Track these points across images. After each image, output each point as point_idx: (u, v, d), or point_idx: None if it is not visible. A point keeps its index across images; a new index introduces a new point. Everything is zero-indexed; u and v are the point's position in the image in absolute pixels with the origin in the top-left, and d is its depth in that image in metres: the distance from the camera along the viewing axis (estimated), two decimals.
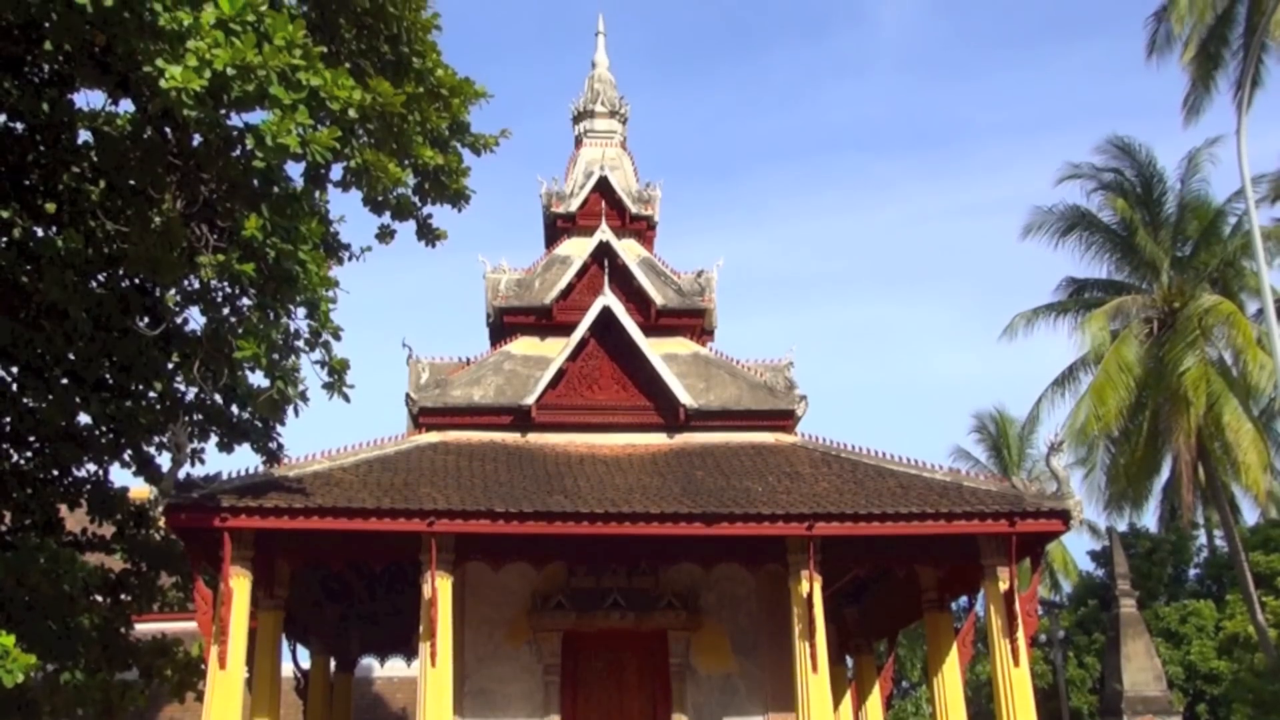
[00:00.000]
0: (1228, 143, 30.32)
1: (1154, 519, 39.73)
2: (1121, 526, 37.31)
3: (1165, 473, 32.51)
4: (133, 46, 9.41)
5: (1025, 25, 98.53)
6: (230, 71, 9.19)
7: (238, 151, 10.92)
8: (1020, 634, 17.40)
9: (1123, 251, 32.08)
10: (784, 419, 21.50)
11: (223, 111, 10.13)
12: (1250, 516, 35.84)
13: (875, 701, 23.77)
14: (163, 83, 9.16)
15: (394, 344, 36.92)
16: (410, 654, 25.22)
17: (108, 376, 14.51)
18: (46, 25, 10.29)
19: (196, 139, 11.23)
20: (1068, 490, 17.94)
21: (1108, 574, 35.70)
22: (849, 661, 24.96)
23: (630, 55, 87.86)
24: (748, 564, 18.48)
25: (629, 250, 23.34)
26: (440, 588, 17.05)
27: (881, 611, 23.36)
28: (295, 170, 11.42)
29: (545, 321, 22.55)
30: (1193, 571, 42.87)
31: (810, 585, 17.45)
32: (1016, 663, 17.40)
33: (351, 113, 10.26)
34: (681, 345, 22.59)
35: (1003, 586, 17.71)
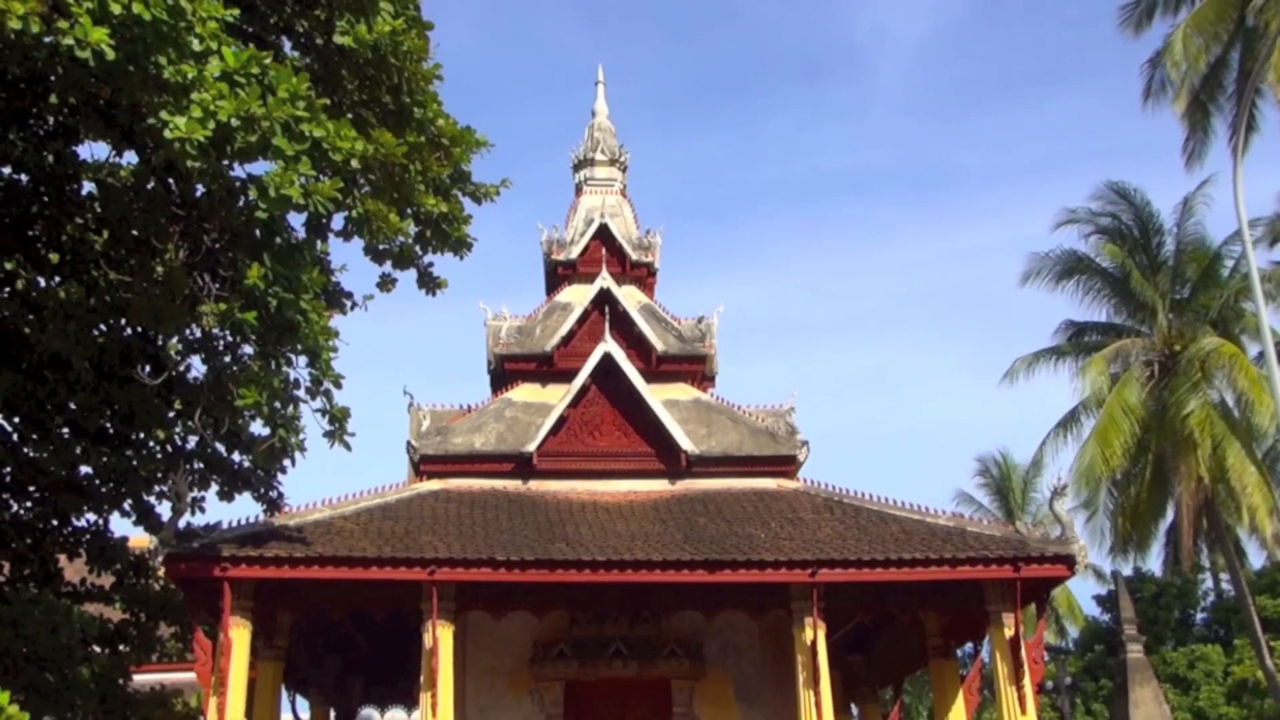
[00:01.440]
0: (1223, 184, 30.54)
1: (1159, 563, 39.57)
2: (1127, 571, 37.17)
3: (1170, 516, 32.41)
4: (137, 99, 9.50)
5: (1020, 72, 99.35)
6: (234, 123, 9.27)
7: (240, 202, 10.99)
8: (1027, 680, 17.30)
9: (1121, 295, 32.15)
10: (786, 464, 21.48)
11: (226, 162, 10.21)
12: (1256, 560, 35.72)
13: None
14: (167, 134, 9.24)
15: (395, 390, 36.92)
16: (411, 704, 25.04)
17: (109, 426, 14.52)
18: (52, 78, 10.39)
19: (199, 190, 11.32)
20: (1072, 535, 17.89)
21: (1114, 619, 35.51)
22: (854, 710, 24.77)
23: (630, 102, 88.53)
24: (751, 611, 18.40)
25: (630, 297, 23.41)
26: (441, 637, 16.96)
27: (886, 659, 23.22)
28: (297, 220, 11.50)
29: (546, 368, 22.59)
30: (1200, 616, 42.63)
31: (814, 632, 17.36)
32: (1024, 710, 17.28)
33: (354, 163, 10.33)
34: (683, 391, 22.61)
35: (1008, 632, 17.62)
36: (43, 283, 12.93)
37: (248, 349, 12.39)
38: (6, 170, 12.53)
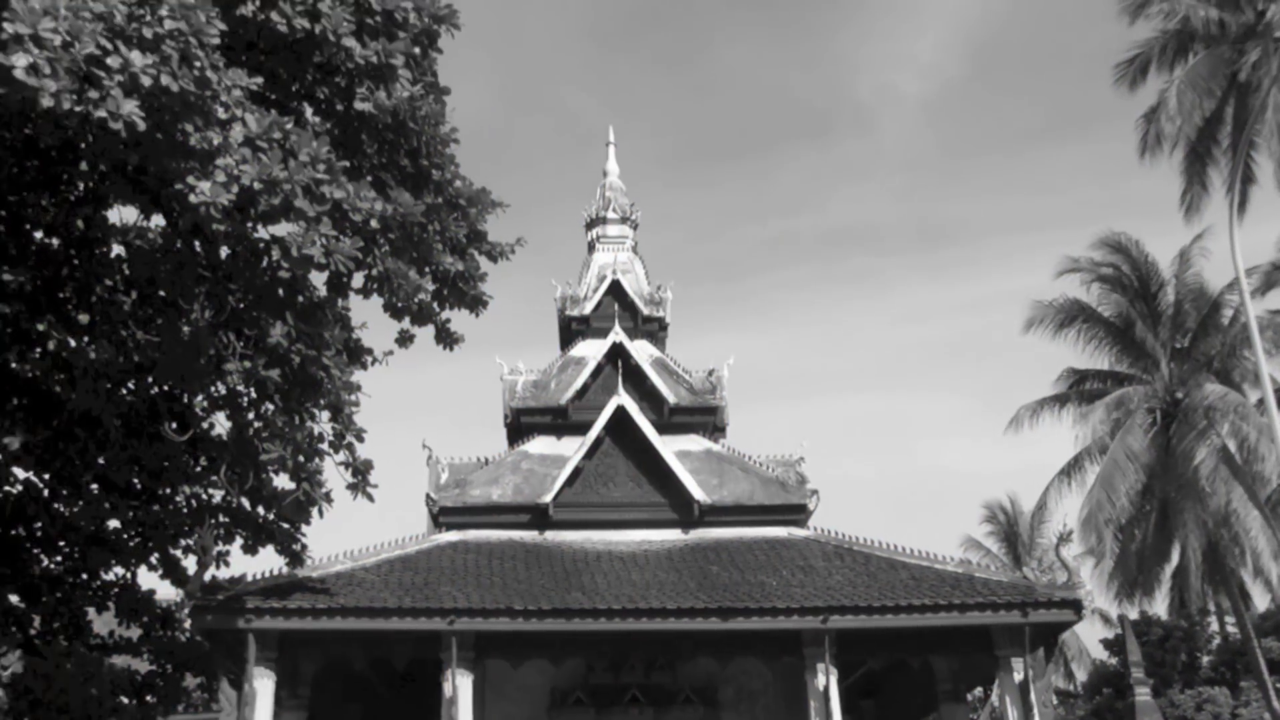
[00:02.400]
0: (1219, 233, 30.50)
1: (1165, 606, 39.17)
2: (1133, 614, 36.78)
3: (1175, 560, 32.12)
4: (164, 165, 9.59)
5: (1020, 127, 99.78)
6: (257, 186, 9.35)
7: (264, 262, 11.06)
8: None
9: (1122, 343, 32.06)
10: (796, 513, 21.41)
11: (250, 224, 10.29)
12: (1261, 603, 35.32)
13: None
14: (192, 198, 9.32)
15: (415, 443, 36.89)
16: None
17: (137, 482, 14.53)
18: (83, 146, 10.52)
19: (225, 251, 11.40)
20: (1078, 580, 17.77)
21: (1121, 662, 35.10)
22: None
23: (641, 161, 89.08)
24: (764, 657, 18.26)
25: (642, 351, 23.46)
26: (460, 685, 16.85)
27: (897, 704, 22.98)
28: (319, 279, 11.57)
29: (561, 421, 22.61)
30: (1206, 658, 42.12)
31: (826, 678, 17.22)
32: None
33: (373, 223, 10.41)
34: (694, 442, 22.59)
35: (1017, 677, 17.46)
36: (73, 343, 13.00)
37: (271, 405, 12.42)
38: (39, 234, 12.64)
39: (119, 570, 15.62)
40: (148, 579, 61.64)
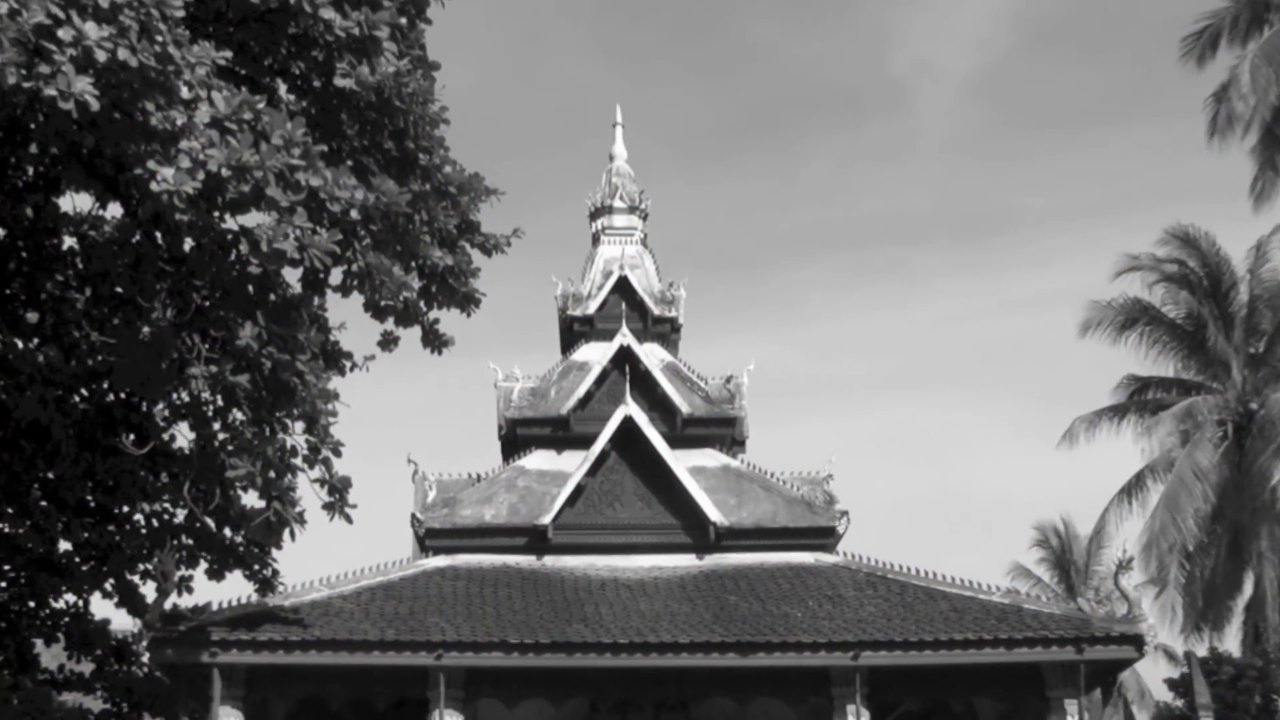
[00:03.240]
0: None
1: (1237, 642, 39.02)
2: (1201, 651, 36.66)
3: (1249, 590, 32.02)
4: (122, 148, 9.65)
5: (1073, 106, 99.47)
6: (225, 172, 9.40)
7: (232, 256, 11.12)
8: None
9: (1189, 348, 31.94)
10: (824, 537, 21.41)
11: (216, 214, 10.34)
12: None
13: None
14: (154, 185, 9.37)
15: (398, 456, 36.93)
16: None
17: (90, 499, 14.59)
18: (32, 127, 10.59)
19: (188, 244, 11.46)
20: (1139, 612, 17.75)
21: (1188, 704, 34.98)
22: None
23: (651, 145, 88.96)
24: (788, 698, 18.25)
25: (652, 355, 23.49)
26: None
27: None
28: (292, 275, 11.62)
29: (562, 433, 22.64)
30: None
31: None
32: None
33: (353, 213, 10.45)
34: (710, 457, 22.61)
35: None
36: (20, 345, 13.07)
37: (239, 414, 12.47)
38: None
39: (70, 598, 15.68)
40: (102, 607, 61.65)
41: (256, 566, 16.12)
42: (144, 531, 15.17)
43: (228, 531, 15.66)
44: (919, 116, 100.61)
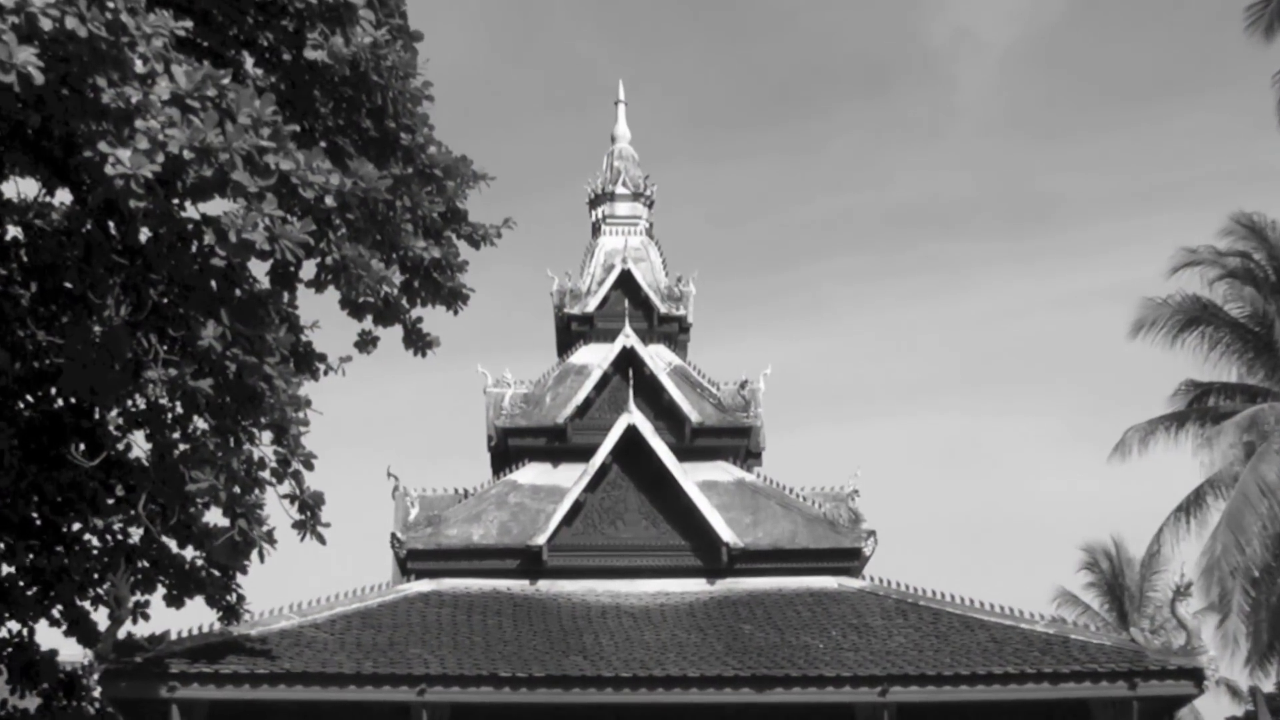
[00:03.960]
0: None
1: None
2: (1267, 686, 36.60)
3: None
4: (72, 128, 9.65)
5: (1127, 81, 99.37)
6: (186, 155, 9.40)
7: (194, 248, 11.11)
8: None
9: (1254, 350, 31.90)
10: (848, 559, 21.41)
11: (176, 201, 10.34)
12: None
13: None
14: (107, 169, 9.37)
15: (377, 469, 36.96)
16: None
17: (36, 517, 14.59)
18: None
19: (145, 234, 11.46)
20: (1199, 643, 17.73)
21: None
22: None
23: (658, 124, 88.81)
24: None
25: (658, 357, 23.50)
26: None
27: None
28: (260, 269, 11.62)
29: (558, 444, 22.67)
30: None
31: None
32: None
33: (328, 200, 10.45)
34: (723, 471, 22.62)
35: None
36: None
37: (201, 423, 12.47)
38: None
39: (13, 625, 15.68)
40: (48, 636, 61.66)
41: (220, 591, 16.10)
42: (95, 552, 15.16)
43: (188, 552, 15.65)
44: (957, 91, 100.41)
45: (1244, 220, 32.21)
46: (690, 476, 21.60)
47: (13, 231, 12.93)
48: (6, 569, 14.99)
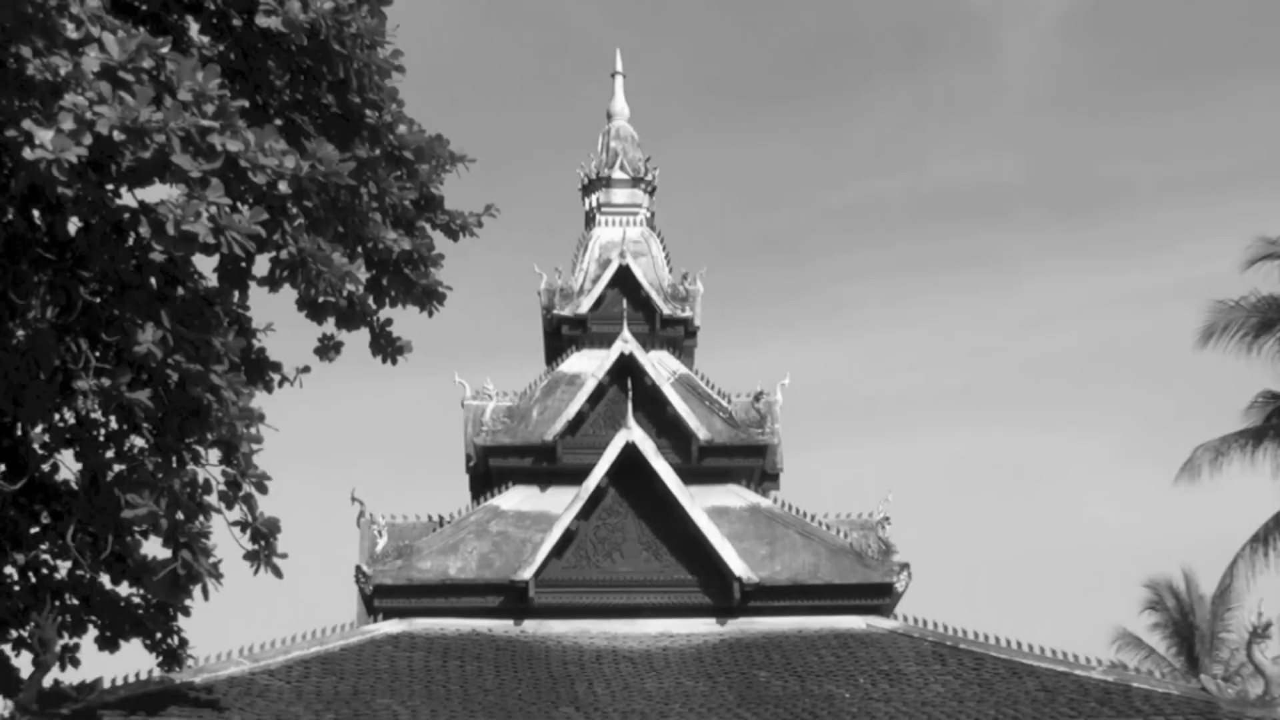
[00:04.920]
0: None
1: None
2: None
3: None
4: None
5: (1195, 51, 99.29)
6: (119, 135, 9.41)
7: (130, 241, 11.13)
8: None
9: None
10: (878, 596, 21.39)
11: (110, 188, 10.35)
12: None
13: None
14: (29, 153, 9.38)
15: (341, 493, 36.95)
16: None
17: None
18: None
19: (74, 225, 11.47)
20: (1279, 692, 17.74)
21: None
22: None
23: (661, 99, 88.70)
24: None
25: (660, 365, 23.50)
26: None
27: None
28: (206, 265, 11.63)
29: (546, 465, 22.65)
30: None
31: None
32: None
33: (283, 186, 10.46)
34: (735, 495, 22.61)
35: None
36: None
37: (139, 440, 12.48)
38: None
39: None
40: None
41: (160, 633, 16.10)
42: (17, 588, 15.16)
43: (124, 588, 15.66)
44: (1004, 63, 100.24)
45: None
46: (698, 501, 21.58)
47: None
48: None
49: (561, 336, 24.74)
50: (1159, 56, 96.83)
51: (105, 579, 15.45)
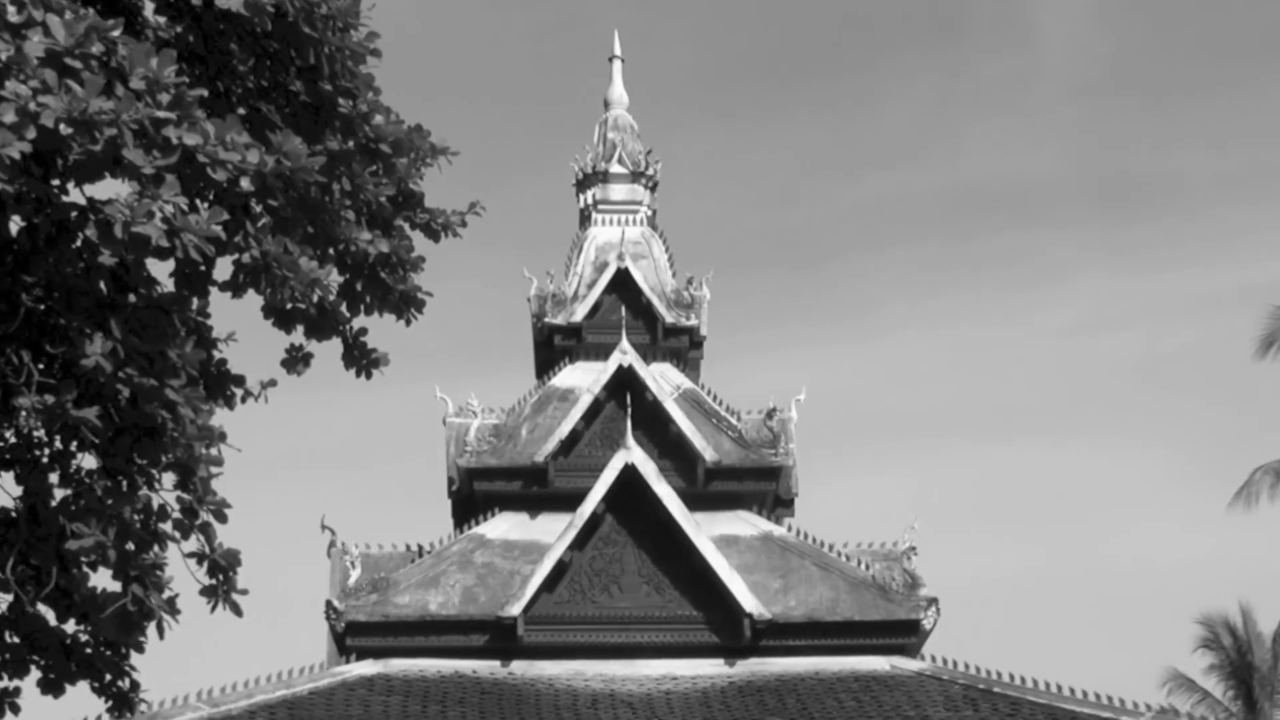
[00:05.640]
0: None
1: None
2: None
3: None
4: None
5: (1250, 34, 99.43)
6: (66, 128, 9.43)
7: (77, 243, 11.14)
8: None
9: None
10: (904, 634, 21.41)
11: (55, 185, 10.36)
12: None
13: None
14: None
15: (310, 521, 36.99)
16: None
17: None
18: None
19: (15, 225, 11.49)
20: None
21: None
22: None
23: (664, 85, 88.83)
24: None
25: (663, 379, 23.53)
26: None
27: None
28: (161, 269, 11.63)
29: (537, 489, 22.67)
30: None
31: None
32: None
33: (245, 183, 10.45)
34: (745, 523, 22.63)
35: None
36: None
37: (86, 462, 12.50)
38: None
39: None
40: None
41: (109, 675, 16.10)
42: None
43: (69, 626, 15.68)
44: (1042, 45, 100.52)
45: None
46: (704, 529, 21.60)
47: None
48: None
49: (554, 347, 24.77)
50: (1211, 37, 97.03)
51: (49, 615, 15.48)
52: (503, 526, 22.52)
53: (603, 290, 24.71)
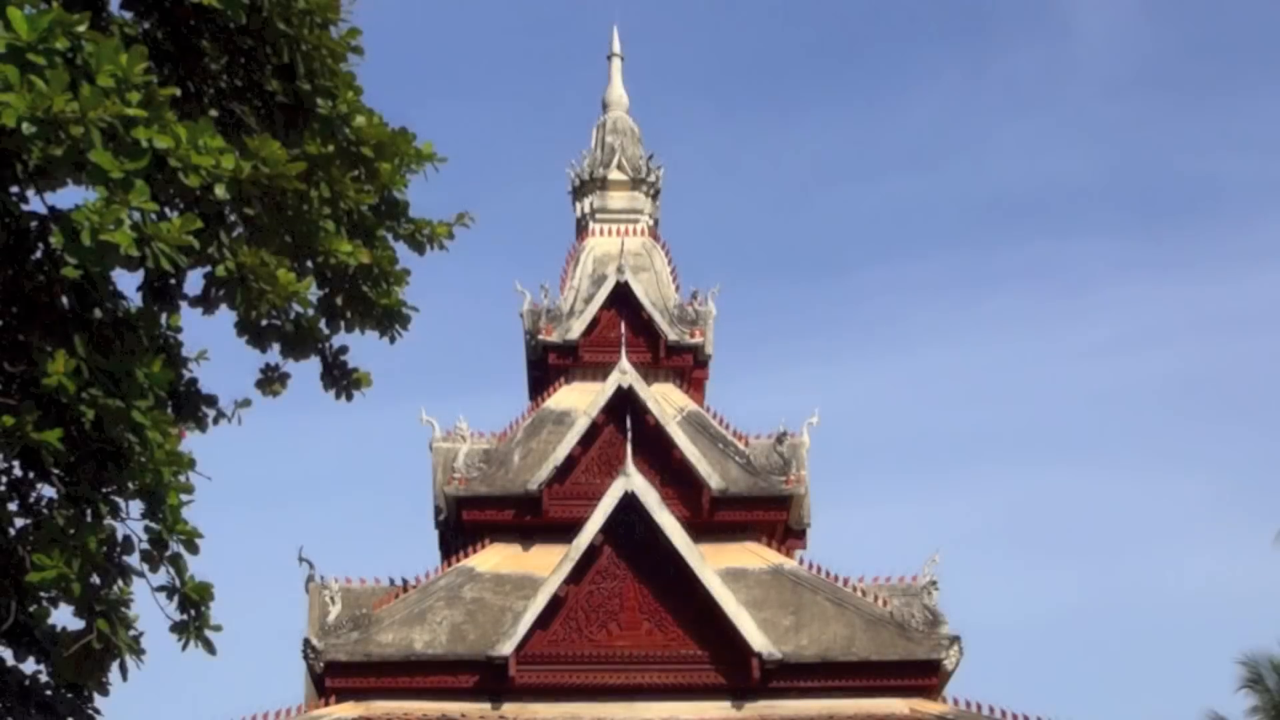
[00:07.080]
0: None
1: None
2: None
3: None
4: None
5: None
6: (28, 128, 9.45)
7: (38, 253, 11.17)
8: None
9: None
10: (924, 675, 21.41)
11: (15, 191, 10.39)
12: None
13: None
14: None
15: (288, 553, 36.96)
16: None
17: None
18: None
19: None
20: None
21: None
22: None
23: (666, 84, 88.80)
24: None
25: (665, 401, 23.53)
26: None
27: None
28: (129, 282, 11.65)
29: (530, 518, 22.68)
30: None
31: None
32: None
33: (219, 189, 10.47)
34: (754, 555, 22.63)
35: None
36: None
37: (48, 489, 12.51)
38: None
39: None
40: None
41: (71, 718, 16.15)
42: None
43: (29, 665, 15.69)
44: (1075, 41, 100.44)
45: None
46: (709, 562, 21.60)
47: None
48: None
49: (548, 367, 24.79)
50: (1256, 34, 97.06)
51: (8, 654, 15.49)
52: (493, 558, 22.51)
53: (601, 305, 24.73)
